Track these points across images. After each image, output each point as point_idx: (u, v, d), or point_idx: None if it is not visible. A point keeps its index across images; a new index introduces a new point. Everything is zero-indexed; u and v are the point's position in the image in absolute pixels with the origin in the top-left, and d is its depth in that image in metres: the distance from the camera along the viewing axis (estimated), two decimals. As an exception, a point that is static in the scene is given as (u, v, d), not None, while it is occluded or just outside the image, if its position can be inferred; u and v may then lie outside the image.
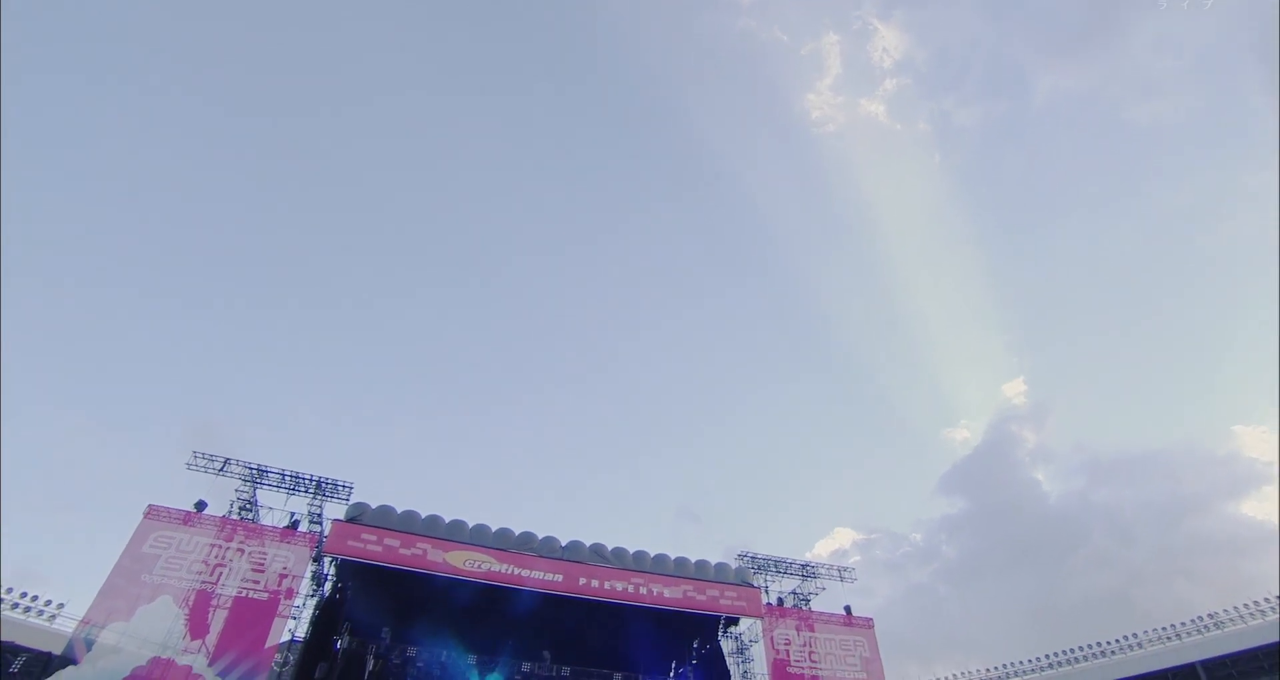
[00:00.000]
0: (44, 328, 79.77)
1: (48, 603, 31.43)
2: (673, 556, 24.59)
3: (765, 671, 23.92)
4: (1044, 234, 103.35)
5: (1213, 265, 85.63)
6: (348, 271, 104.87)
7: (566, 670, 22.47)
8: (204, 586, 19.33)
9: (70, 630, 22.08)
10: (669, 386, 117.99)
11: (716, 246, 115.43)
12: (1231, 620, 38.01)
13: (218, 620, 18.99)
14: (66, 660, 17.28)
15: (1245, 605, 37.73)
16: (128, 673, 17.54)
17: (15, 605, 30.56)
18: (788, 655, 24.14)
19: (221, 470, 21.79)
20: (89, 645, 17.68)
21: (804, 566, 26.25)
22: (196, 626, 18.69)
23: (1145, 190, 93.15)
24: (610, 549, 23.76)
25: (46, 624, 30.71)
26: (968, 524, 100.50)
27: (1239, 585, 65.20)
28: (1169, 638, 39.50)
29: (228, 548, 20.29)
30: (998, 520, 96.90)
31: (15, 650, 20.35)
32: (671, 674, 25.81)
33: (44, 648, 21.84)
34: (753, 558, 25.71)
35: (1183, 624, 39.47)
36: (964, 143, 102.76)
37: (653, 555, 24.30)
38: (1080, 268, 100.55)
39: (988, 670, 43.50)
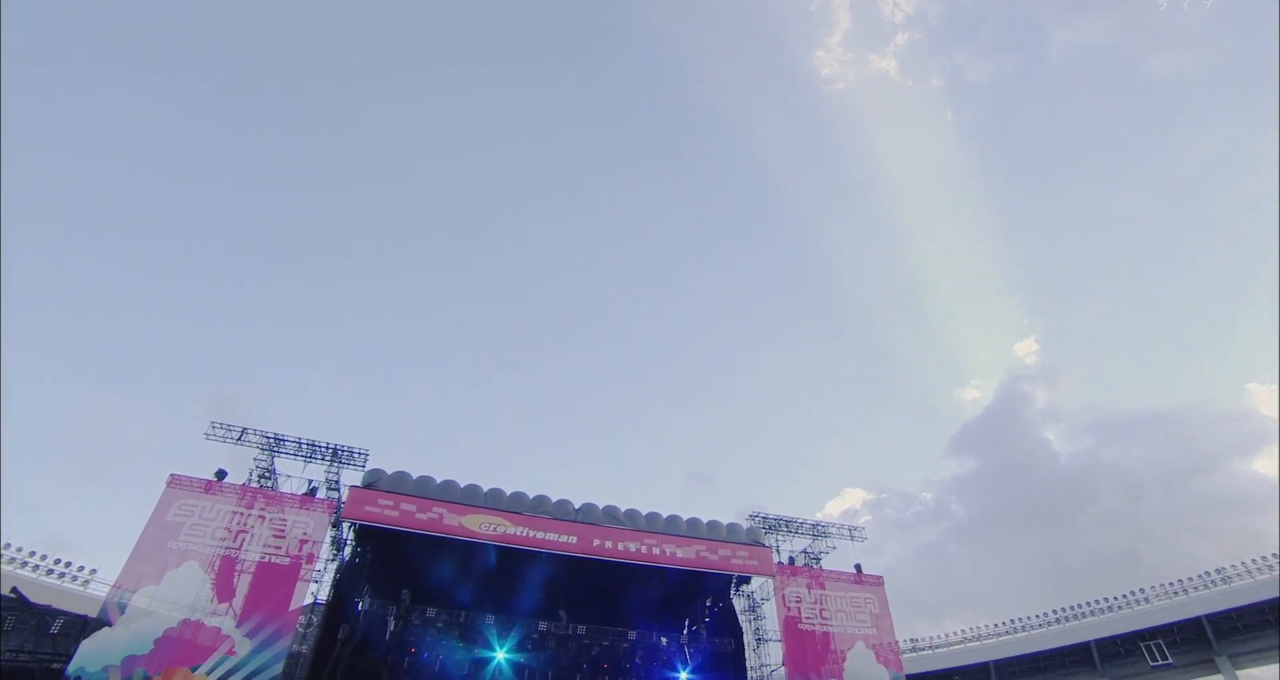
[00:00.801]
0: (62, 307, 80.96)
1: (80, 569, 32.75)
2: (685, 518, 24.87)
3: (777, 628, 24.42)
4: (1059, 191, 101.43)
5: (1231, 222, 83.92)
6: (360, 241, 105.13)
7: (582, 629, 22.98)
8: (228, 552, 19.84)
9: (103, 595, 22.91)
10: (680, 350, 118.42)
11: (725, 208, 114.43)
12: (1238, 575, 38.35)
13: (242, 584, 19.53)
14: (102, 622, 17.89)
15: (1252, 561, 38.02)
16: (160, 633, 18.12)
17: (50, 571, 31.88)
18: (799, 612, 24.60)
19: (239, 440, 22.20)
20: (122, 608, 18.26)
21: (815, 526, 26.54)
22: (223, 590, 19.25)
23: (1164, 145, 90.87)
24: (623, 511, 24.10)
25: (81, 589, 32.07)
26: (978, 483, 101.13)
27: (1247, 541, 65.46)
28: (1175, 593, 39.99)
29: (249, 514, 20.76)
30: (1008, 479, 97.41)
31: (53, 613, 21.16)
32: (685, 631, 26.38)
33: (80, 611, 22.79)
34: (764, 518, 26.01)
35: (1189, 579, 39.92)
36: (977, 99, 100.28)
37: (665, 517, 24.62)
38: (1095, 225, 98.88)
39: (996, 625, 44.25)
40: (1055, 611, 43.18)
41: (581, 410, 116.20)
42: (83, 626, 18.76)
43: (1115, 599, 41.81)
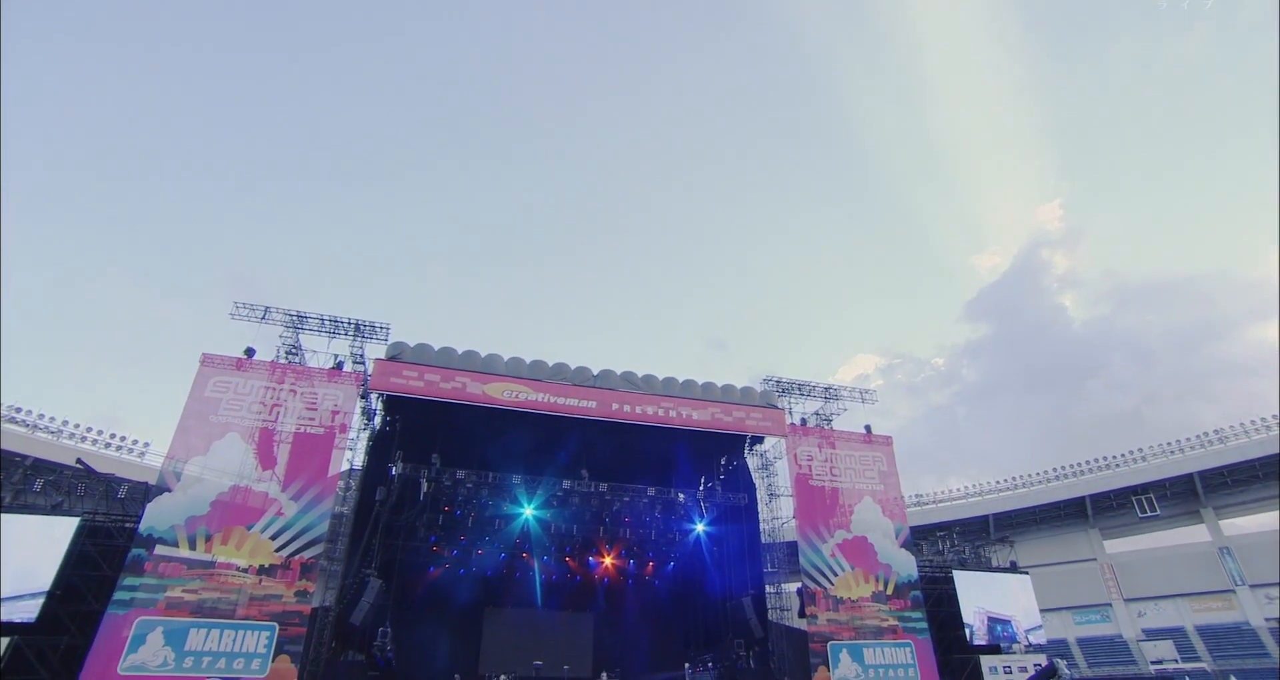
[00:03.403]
0: (82, 192, 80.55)
1: (135, 442, 35.23)
2: (700, 382, 25.56)
3: (788, 484, 25.64)
4: (1094, 49, 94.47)
5: (1271, 85, 78.31)
6: (374, 116, 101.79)
7: (603, 486, 24.38)
8: (265, 425, 20.78)
9: (158, 465, 24.51)
10: (698, 215, 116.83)
11: (747, 69, 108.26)
12: (1235, 435, 39.50)
13: (282, 453, 20.60)
14: (162, 488, 19.12)
15: (1250, 422, 38.98)
16: (214, 497, 19.44)
17: (108, 445, 34.30)
18: (810, 470, 25.77)
19: (263, 318, 22.61)
20: (178, 476, 19.43)
21: (827, 389, 27.22)
22: (265, 458, 20.38)
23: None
24: (641, 376, 24.76)
25: (138, 460, 34.61)
26: (990, 349, 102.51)
27: (1252, 405, 66.89)
28: (1171, 452, 41.49)
29: (280, 389, 21.53)
30: (1020, 345, 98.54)
31: (117, 481, 22.80)
32: (701, 488, 27.94)
33: (140, 479, 24.52)
34: (778, 382, 26.67)
35: (1186, 439, 41.24)
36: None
37: (681, 381, 25.30)
38: (1131, 86, 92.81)
39: (999, 482, 46.59)
40: (1055, 469, 45.17)
41: (600, 279, 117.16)
42: (145, 492, 20.13)
43: (1113, 457, 43.56)
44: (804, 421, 26.96)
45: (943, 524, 43.73)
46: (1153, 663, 36.73)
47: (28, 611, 16.96)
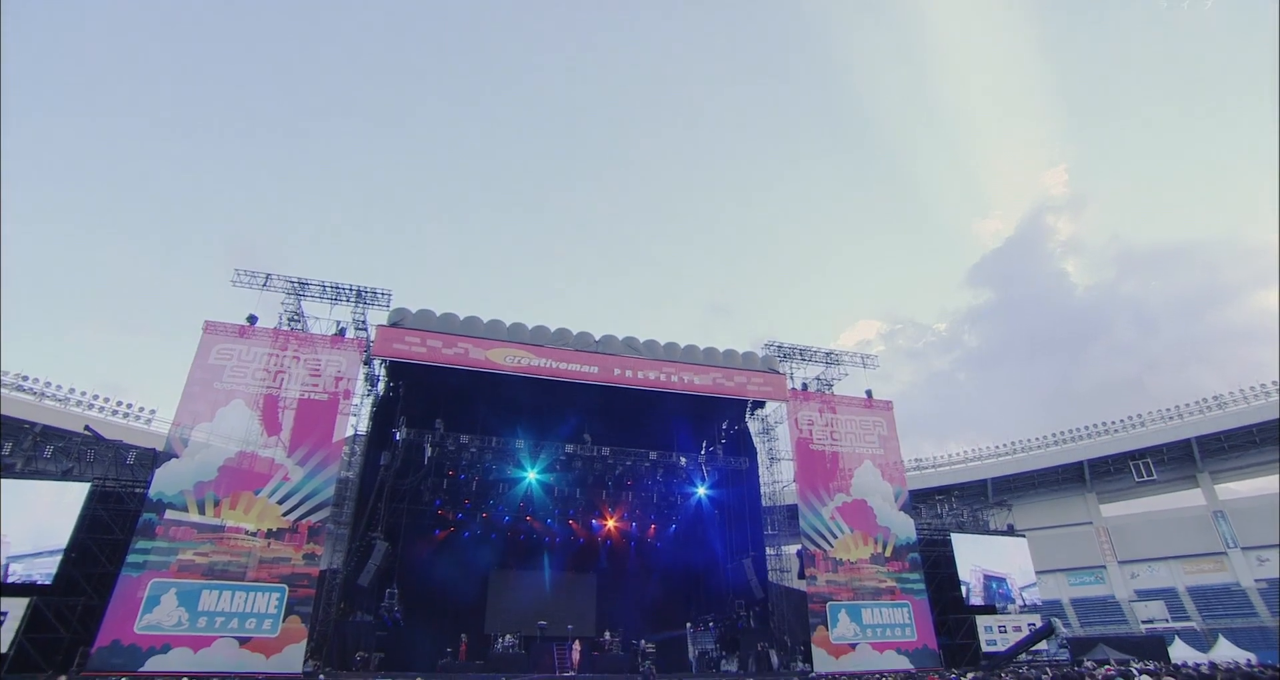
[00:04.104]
0: (74, 154, 79.77)
1: (141, 409, 35.57)
2: (702, 347, 25.63)
3: (789, 448, 25.84)
4: (1102, 10, 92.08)
5: None
6: (363, 74, 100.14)
7: (606, 450, 24.60)
8: (269, 391, 20.88)
9: (164, 431, 24.79)
10: (699, 180, 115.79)
11: (745, 21, 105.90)
12: (1234, 401, 39.68)
13: (287, 419, 20.74)
14: (170, 454, 19.33)
15: (1250, 388, 39.10)
16: (221, 463, 19.67)
17: (115, 412, 34.63)
18: (810, 434, 25.96)
19: (264, 286, 22.54)
20: (185, 442, 19.61)
21: (828, 354, 27.25)
22: (270, 424, 20.53)
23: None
24: (643, 341, 24.78)
25: (145, 426, 34.99)
26: (992, 315, 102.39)
27: (1252, 371, 67.00)
28: (1170, 417, 41.74)
29: (284, 356, 21.58)
30: (1022, 311, 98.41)
31: (125, 447, 23.08)
32: (702, 452, 28.19)
33: (147, 445, 24.81)
34: (779, 347, 26.70)
35: (1185, 405, 41.44)
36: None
37: (683, 346, 25.34)
38: (1143, 48, 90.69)
39: (998, 447, 47.02)
40: (1054, 434, 45.55)
41: (601, 244, 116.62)
42: (153, 458, 20.37)
43: (1112, 423, 43.85)
44: (805, 386, 27.07)
45: (942, 488, 44.31)
46: (1144, 622, 37.59)
47: (47, 567, 17.55)
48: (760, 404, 26.77)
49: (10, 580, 17.30)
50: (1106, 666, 18.90)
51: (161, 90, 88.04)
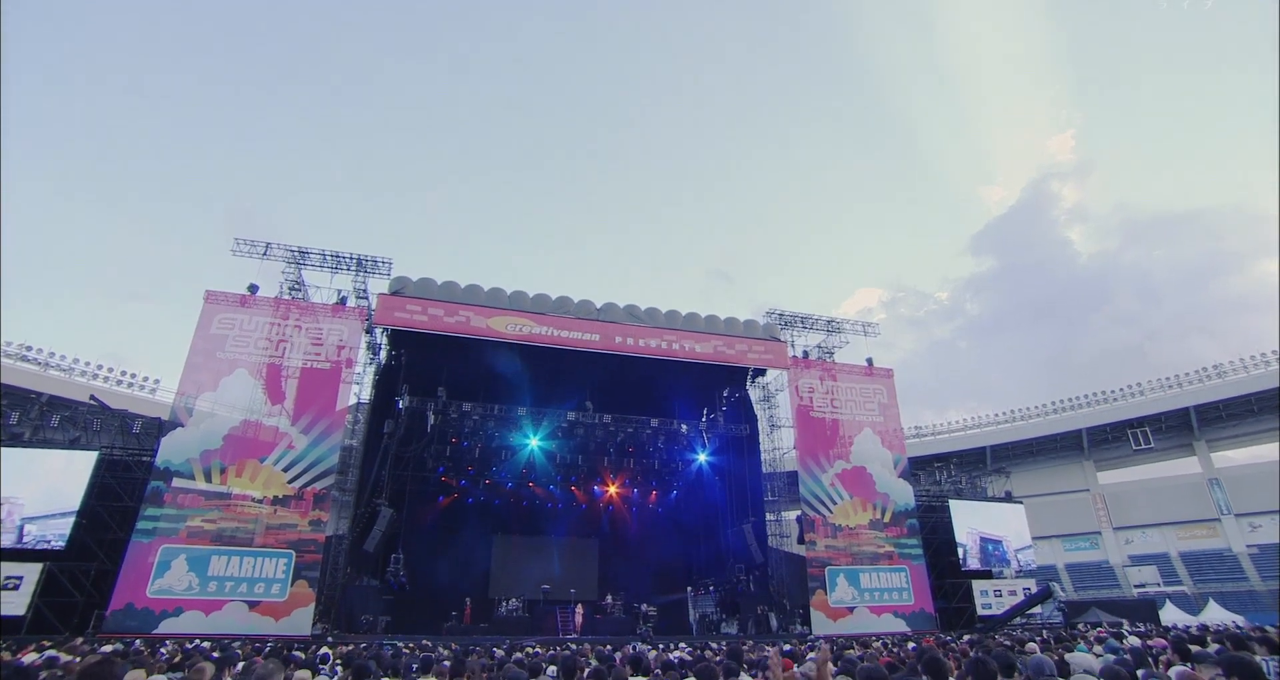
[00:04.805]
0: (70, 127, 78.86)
1: (145, 378, 35.72)
2: (704, 315, 25.61)
3: (790, 416, 26.02)
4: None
5: None
6: (359, 40, 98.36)
7: (608, 418, 24.77)
8: (272, 360, 20.95)
9: (168, 401, 24.94)
10: (701, 145, 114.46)
11: None
12: (1234, 370, 39.66)
13: (290, 388, 20.88)
14: (175, 423, 19.50)
15: (1250, 357, 39.05)
16: (226, 431, 19.85)
17: (119, 382, 34.78)
18: (811, 402, 26.08)
19: (264, 255, 22.44)
20: (190, 411, 19.78)
21: (829, 322, 27.22)
22: (274, 393, 20.66)
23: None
24: (644, 309, 24.73)
25: (149, 396, 35.15)
26: (994, 283, 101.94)
27: (1253, 340, 66.85)
28: (1170, 386, 41.79)
29: (285, 325, 21.59)
30: (1024, 279, 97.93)
31: (132, 416, 23.23)
32: (703, 419, 28.35)
33: (152, 414, 24.95)
34: (780, 314, 26.65)
35: (1185, 374, 41.46)
36: None
37: (684, 314, 25.30)
38: (1151, 7, 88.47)
39: (997, 415, 47.23)
40: (1053, 403, 45.71)
41: (602, 212, 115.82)
42: (159, 427, 20.53)
43: (1111, 392, 43.96)
44: (806, 354, 27.12)
45: (941, 455, 44.62)
46: (1136, 586, 38.25)
47: (60, 528, 18.00)
48: (761, 372, 26.84)
49: (25, 540, 17.70)
50: (1099, 628, 19.29)
51: (158, 56, 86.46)
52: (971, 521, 27.06)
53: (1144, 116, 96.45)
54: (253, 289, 22.00)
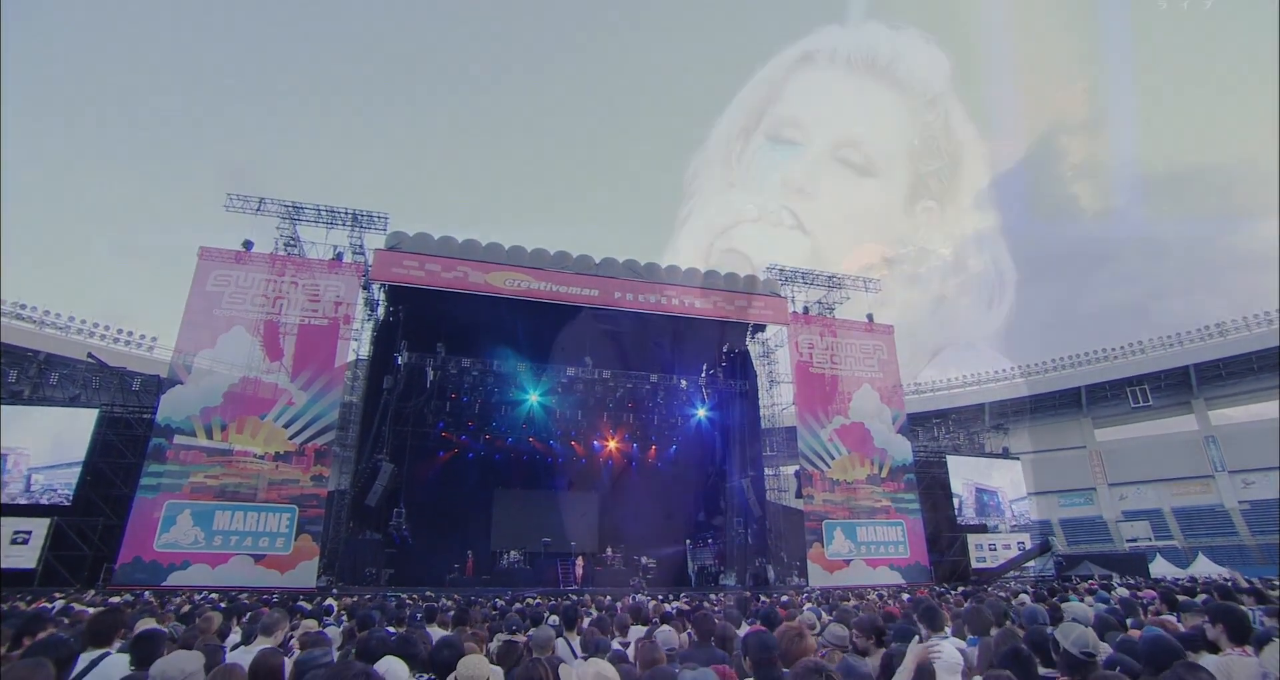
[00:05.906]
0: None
1: (143, 336, 35.60)
2: (704, 270, 25.37)
3: (789, 372, 26.04)
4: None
5: None
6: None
7: (607, 373, 24.72)
8: (269, 317, 20.80)
9: (166, 358, 24.88)
10: (699, 93, 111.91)
11: None
12: (1236, 329, 39.45)
13: (288, 345, 20.78)
14: (174, 381, 19.49)
15: (1253, 316, 38.79)
16: (225, 388, 19.85)
17: (116, 340, 34.65)
18: (810, 357, 26.03)
19: (258, 210, 22.01)
20: (188, 369, 19.75)
21: (830, 278, 26.94)
22: (271, 350, 20.58)
23: None
24: (643, 264, 24.47)
25: (147, 354, 35.08)
26: (997, 239, 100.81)
27: (1259, 298, 66.33)
28: (1171, 344, 41.66)
29: (282, 281, 21.37)
30: (1028, 236, 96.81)
31: (130, 374, 23.24)
32: (703, 374, 28.36)
33: (150, 372, 24.95)
34: (780, 270, 26.36)
35: (1186, 332, 41.26)
36: None
37: (684, 269, 25.11)
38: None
39: (996, 372, 47.28)
40: (1054, 360, 45.67)
41: (600, 165, 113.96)
42: (158, 384, 20.54)
43: (1112, 349, 43.88)
44: (806, 310, 26.93)
45: (939, 411, 44.88)
46: (1128, 540, 38.97)
47: (66, 478, 18.46)
48: (761, 327, 26.70)
49: (33, 489, 17.97)
50: (1090, 581, 19.65)
51: (156, 13, 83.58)
52: (968, 476, 27.34)
53: (1157, 70, 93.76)
54: (248, 245, 21.69)
